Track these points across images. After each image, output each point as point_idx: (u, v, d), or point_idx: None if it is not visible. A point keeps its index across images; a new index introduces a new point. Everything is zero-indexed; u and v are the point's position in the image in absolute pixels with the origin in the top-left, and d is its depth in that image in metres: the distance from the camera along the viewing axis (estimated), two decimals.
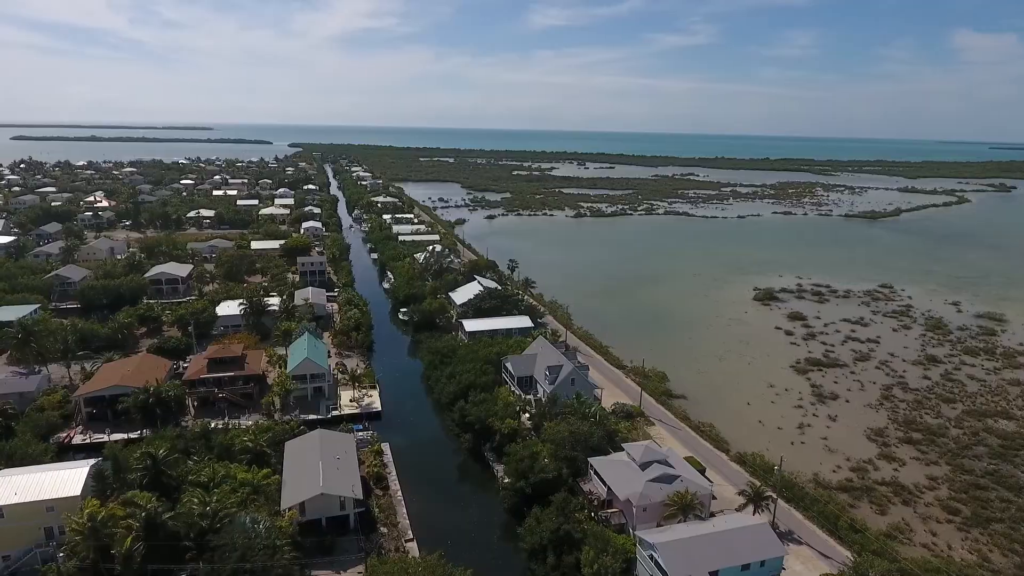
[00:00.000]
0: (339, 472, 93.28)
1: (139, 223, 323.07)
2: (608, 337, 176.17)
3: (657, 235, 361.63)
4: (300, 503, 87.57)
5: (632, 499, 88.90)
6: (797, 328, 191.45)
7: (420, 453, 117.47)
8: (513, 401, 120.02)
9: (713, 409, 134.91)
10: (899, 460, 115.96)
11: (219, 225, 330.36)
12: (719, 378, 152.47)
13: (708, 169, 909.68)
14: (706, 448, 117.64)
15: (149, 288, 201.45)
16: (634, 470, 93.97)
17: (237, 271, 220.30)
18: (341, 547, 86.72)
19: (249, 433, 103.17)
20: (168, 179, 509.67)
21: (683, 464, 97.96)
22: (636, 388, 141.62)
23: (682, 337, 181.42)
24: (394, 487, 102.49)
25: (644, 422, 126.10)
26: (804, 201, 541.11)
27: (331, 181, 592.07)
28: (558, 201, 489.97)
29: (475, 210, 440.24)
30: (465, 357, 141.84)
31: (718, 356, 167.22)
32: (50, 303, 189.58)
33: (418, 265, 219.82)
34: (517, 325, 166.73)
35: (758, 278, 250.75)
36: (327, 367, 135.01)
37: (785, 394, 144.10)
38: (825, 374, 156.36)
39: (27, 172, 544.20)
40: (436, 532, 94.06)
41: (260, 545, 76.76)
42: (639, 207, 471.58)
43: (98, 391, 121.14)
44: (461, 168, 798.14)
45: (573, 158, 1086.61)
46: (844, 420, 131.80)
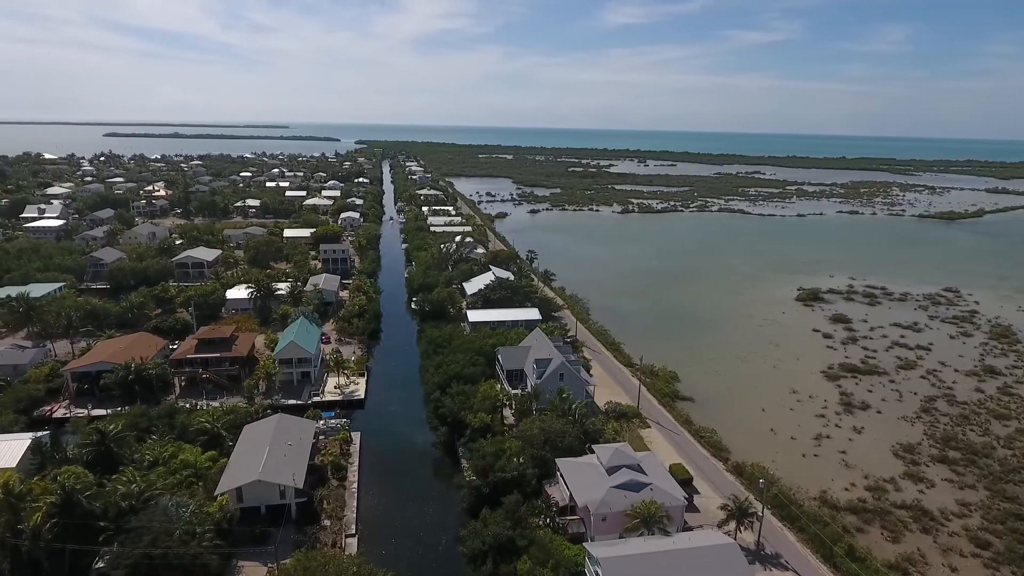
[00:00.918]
0: (285, 459, 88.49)
1: (189, 211, 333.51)
2: (627, 334, 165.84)
3: (705, 232, 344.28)
4: (237, 489, 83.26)
5: (590, 506, 79.89)
6: (838, 331, 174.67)
7: (393, 445, 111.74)
8: (494, 394, 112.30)
9: (721, 414, 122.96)
10: (927, 481, 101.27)
11: (264, 214, 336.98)
12: (736, 381, 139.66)
13: (776, 168, 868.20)
14: (701, 456, 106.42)
15: (176, 271, 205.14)
16: (600, 475, 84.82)
17: (263, 257, 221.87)
18: (276, 538, 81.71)
19: (207, 415, 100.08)
20: (229, 171, 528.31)
21: (660, 471, 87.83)
22: (641, 386, 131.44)
23: (706, 336, 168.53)
24: (352, 478, 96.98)
25: (639, 424, 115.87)
26: (876, 201, 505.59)
27: (385, 175, 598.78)
28: (607, 197, 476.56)
29: (520, 204, 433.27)
30: (459, 347, 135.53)
31: (741, 358, 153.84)
32: (82, 283, 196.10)
33: (439, 255, 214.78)
34: (524, 317, 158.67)
35: (805, 278, 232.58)
36: (315, 352, 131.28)
37: (808, 401, 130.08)
38: (859, 382, 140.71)
39: (104, 164, 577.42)
40: (385, 529, 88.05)
41: (178, 530, 72.74)
42: (691, 204, 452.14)
43: (85, 366, 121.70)
44: (518, 165, 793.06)
45: (635, 156, 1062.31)
46: (871, 433, 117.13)
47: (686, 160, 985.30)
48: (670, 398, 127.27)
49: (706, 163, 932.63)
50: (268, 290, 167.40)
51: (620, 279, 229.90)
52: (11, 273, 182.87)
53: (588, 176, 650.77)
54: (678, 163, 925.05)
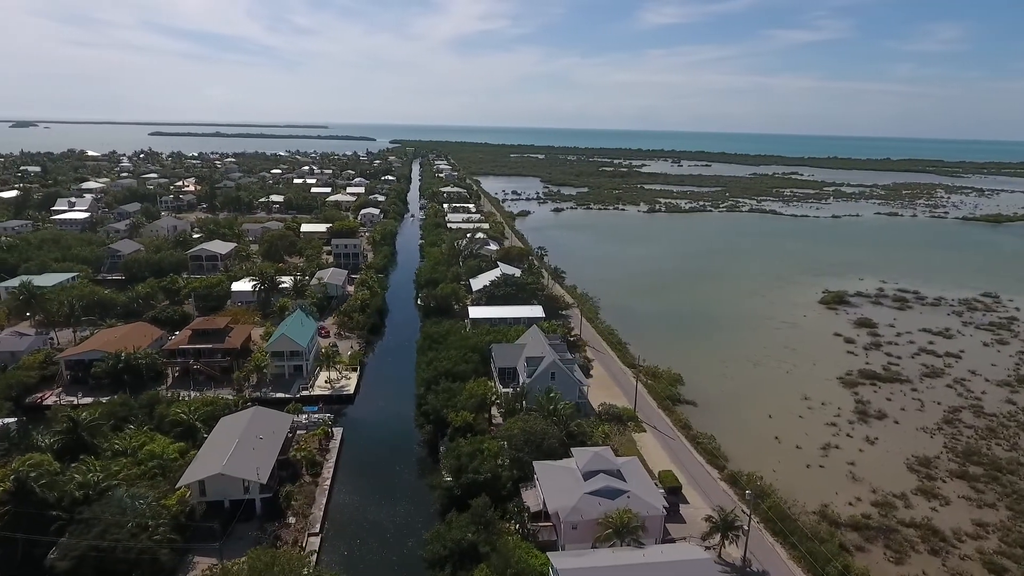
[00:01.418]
0: (253, 453, 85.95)
1: (214, 206, 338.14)
2: (636, 334, 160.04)
3: (732, 232, 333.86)
4: (200, 482, 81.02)
5: (560, 512, 75.16)
6: (861, 336, 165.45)
7: (377, 442, 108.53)
8: (481, 392, 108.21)
9: (725, 419, 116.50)
10: (942, 498, 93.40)
11: (287, 210, 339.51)
12: (745, 386, 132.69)
13: (816, 169, 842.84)
14: (696, 463, 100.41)
15: (190, 263, 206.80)
16: (576, 479, 79.94)
17: (277, 251, 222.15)
18: (238, 533, 79.24)
19: (184, 406, 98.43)
20: (260, 168, 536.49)
21: (642, 478, 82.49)
22: (641, 389, 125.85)
23: (718, 339, 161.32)
24: (326, 475, 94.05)
25: (634, 427, 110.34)
26: (918, 203, 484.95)
27: (414, 174, 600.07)
28: (634, 196, 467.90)
29: (544, 203, 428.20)
30: (454, 343, 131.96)
31: (753, 361, 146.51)
32: (99, 273, 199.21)
33: (449, 250, 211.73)
34: (527, 315, 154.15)
35: (833, 280, 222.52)
36: (307, 346, 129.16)
37: (819, 409, 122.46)
38: (878, 389, 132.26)
39: (142, 161, 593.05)
40: (352, 529, 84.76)
41: (130, 523, 70.66)
42: (722, 204, 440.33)
43: (78, 355, 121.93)
44: (548, 164, 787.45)
45: (669, 156, 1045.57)
46: (885, 444, 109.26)
47: (722, 161, 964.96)
48: (670, 401, 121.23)
49: (742, 164, 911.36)
50: (272, 283, 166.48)
51: (636, 278, 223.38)
52: (29, 263, 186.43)
53: (618, 176, 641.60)
54: (713, 164, 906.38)
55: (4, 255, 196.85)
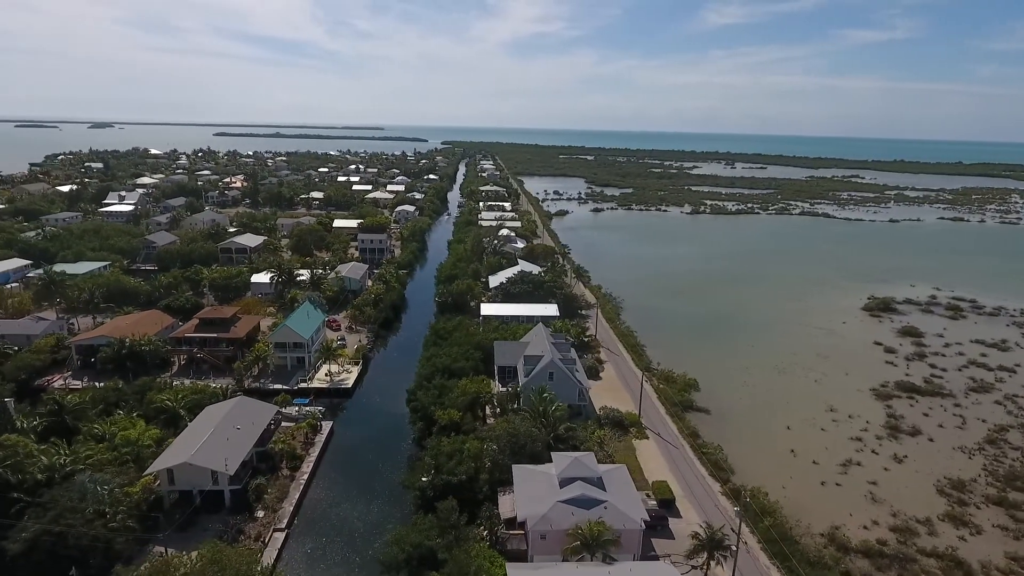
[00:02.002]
0: (226, 443, 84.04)
1: (256, 202, 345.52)
2: (658, 337, 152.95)
3: (779, 235, 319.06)
4: (168, 471, 79.48)
5: (529, 521, 70.02)
6: (904, 345, 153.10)
7: (366, 437, 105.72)
8: (475, 390, 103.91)
9: (738, 429, 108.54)
10: (973, 526, 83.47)
11: (326, 206, 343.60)
12: (766, 394, 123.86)
13: (879, 172, 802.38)
14: (697, 474, 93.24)
15: (220, 255, 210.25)
16: (551, 486, 74.58)
17: (305, 245, 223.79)
18: (204, 525, 77.32)
19: (171, 393, 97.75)
20: (308, 167, 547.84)
21: (625, 488, 76.29)
22: (651, 394, 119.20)
23: (745, 343, 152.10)
24: (305, 469, 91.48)
25: (636, 434, 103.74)
26: (988, 208, 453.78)
27: (459, 174, 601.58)
28: (679, 198, 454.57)
29: (585, 203, 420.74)
30: (458, 340, 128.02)
31: (779, 368, 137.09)
32: (134, 263, 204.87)
33: (474, 247, 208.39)
34: (540, 313, 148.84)
35: (881, 286, 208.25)
36: (310, 337, 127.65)
37: (845, 422, 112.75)
38: (915, 403, 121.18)
39: (199, 159, 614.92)
40: (322, 526, 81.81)
41: (89, 508, 69.46)
42: (771, 207, 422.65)
43: (87, 340, 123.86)
44: (596, 165, 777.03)
45: (723, 158, 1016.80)
46: (914, 463, 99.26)
47: (779, 163, 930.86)
48: (680, 408, 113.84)
49: (800, 167, 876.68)
50: (289, 275, 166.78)
51: (667, 279, 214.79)
52: (66, 251, 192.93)
53: (666, 177, 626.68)
54: (769, 166, 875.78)
55: (47, 244, 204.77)
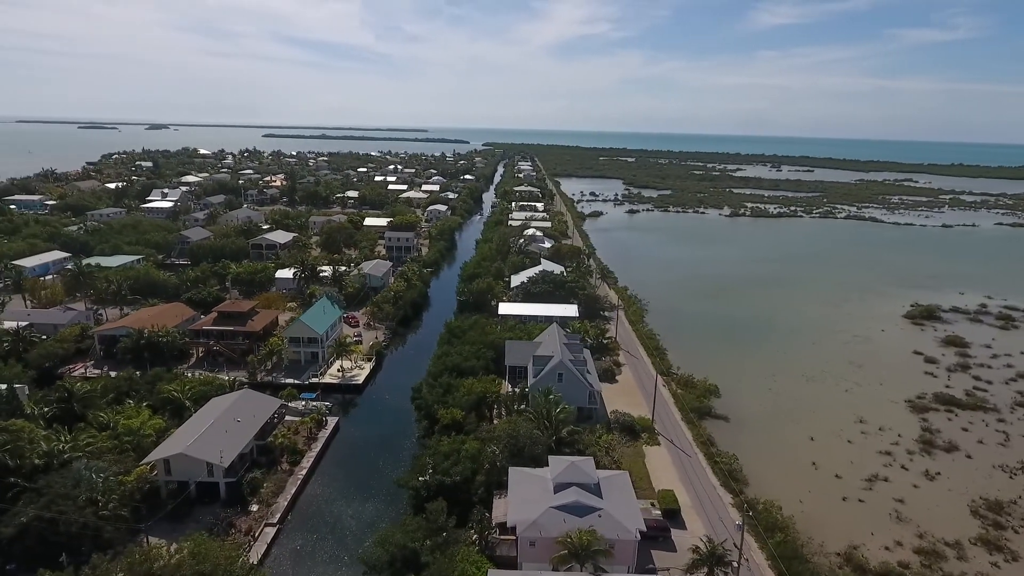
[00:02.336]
0: (225, 436, 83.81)
1: (293, 200, 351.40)
2: (682, 340, 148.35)
3: (820, 239, 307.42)
4: (165, 461, 79.55)
5: (519, 527, 67.17)
6: (946, 356, 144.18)
7: (372, 434, 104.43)
8: (480, 390, 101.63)
9: (756, 438, 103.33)
10: (1009, 551, 76.87)
11: (360, 205, 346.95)
12: (791, 402, 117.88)
13: (935, 176, 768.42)
14: (708, 485, 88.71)
15: (250, 251, 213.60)
16: (545, 491, 71.60)
17: (334, 242, 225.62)
18: (197, 516, 77.06)
19: (178, 384, 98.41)
20: (347, 167, 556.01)
21: (624, 496, 72.70)
22: (668, 399, 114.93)
23: (773, 349, 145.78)
24: (305, 464, 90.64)
25: (647, 440, 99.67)
26: None
27: (497, 175, 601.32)
28: (718, 200, 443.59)
29: (620, 204, 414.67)
30: (472, 338, 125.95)
31: (808, 376, 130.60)
32: (168, 257, 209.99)
33: (499, 246, 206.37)
34: (559, 313, 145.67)
35: (926, 293, 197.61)
36: (323, 333, 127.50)
37: (875, 434, 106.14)
38: (954, 417, 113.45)
39: (244, 159, 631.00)
40: (315, 522, 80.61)
41: (82, 496, 69.79)
42: (815, 210, 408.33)
43: (109, 330, 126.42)
44: (636, 167, 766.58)
45: (769, 161, 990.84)
46: (947, 481, 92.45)
47: (829, 166, 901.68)
48: (697, 414, 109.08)
49: (850, 169, 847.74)
50: (312, 271, 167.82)
51: (698, 282, 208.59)
52: (104, 244, 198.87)
53: (707, 179, 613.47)
54: (816, 169, 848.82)
55: (88, 238, 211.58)
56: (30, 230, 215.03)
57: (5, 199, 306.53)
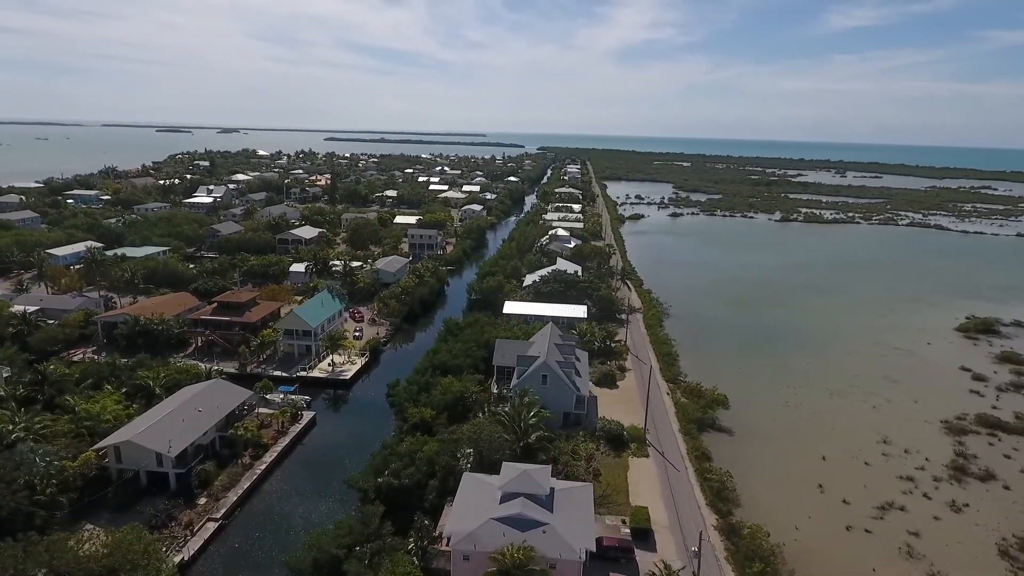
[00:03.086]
0: (181, 425, 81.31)
1: (334, 199, 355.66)
2: (701, 346, 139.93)
3: (876, 246, 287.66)
4: (116, 448, 77.47)
5: (453, 538, 61.21)
6: (999, 373, 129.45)
7: (349, 431, 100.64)
8: (458, 389, 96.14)
9: (760, 454, 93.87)
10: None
11: (398, 204, 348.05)
12: (808, 417, 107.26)
13: (1017, 184, 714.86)
14: (693, 502, 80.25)
15: (277, 245, 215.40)
16: (492, 500, 65.36)
17: (359, 238, 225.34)
18: (143, 506, 74.45)
19: (153, 371, 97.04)
20: (395, 167, 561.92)
21: (580, 511, 65.60)
22: (670, 408, 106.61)
23: (802, 360, 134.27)
24: (267, 458, 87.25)
25: (635, 450, 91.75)
26: None
27: (545, 177, 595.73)
28: (771, 204, 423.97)
29: (665, 208, 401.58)
30: (468, 337, 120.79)
31: (833, 390, 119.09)
32: (199, 250, 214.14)
33: (521, 245, 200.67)
34: (566, 314, 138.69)
35: (986, 305, 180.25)
36: (320, 326, 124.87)
37: (899, 457, 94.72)
38: (998, 442, 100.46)
39: (299, 159, 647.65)
40: (260, 519, 76.88)
41: (22, 479, 68.19)
42: (875, 216, 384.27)
43: (111, 317, 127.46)
44: (691, 171, 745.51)
45: (834, 167, 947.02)
46: (977, 514, 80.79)
47: (898, 173, 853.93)
48: (697, 425, 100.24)
49: (923, 176, 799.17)
50: (324, 265, 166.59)
51: (730, 287, 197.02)
52: (135, 236, 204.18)
53: (763, 184, 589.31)
54: (885, 175, 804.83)
55: (124, 230, 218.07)
56: (72, 221, 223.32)
57: (65, 193, 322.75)
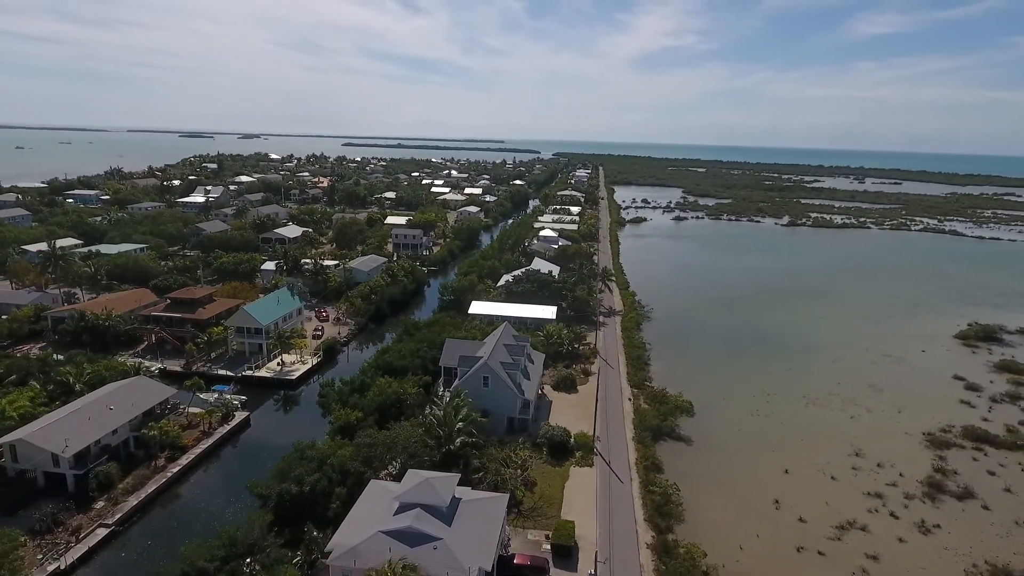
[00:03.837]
0: (86, 423, 76.71)
1: (333, 200, 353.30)
2: (677, 351, 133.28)
3: (884, 251, 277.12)
4: (11, 447, 72.93)
5: (335, 552, 55.37)
6: (995, 383, 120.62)
7: (283, 434, 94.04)
8: (394, 391, 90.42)
9: (717, 466, 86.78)
10: None
11: (397, 206, 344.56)
12: (777, 427, 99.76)
13: None
14: (630, 518, 73.51)
15: (261, 244, 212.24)
16: (388, 511, 59.41)
17: (344, 238, 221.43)
18: (34, 509, 69.65)
19: (74, 368, 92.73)
20: (402, 171, 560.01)
21: (487, 526, 59.41)
22: (628, 415, 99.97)
23: (783, 367, 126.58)
24: (184, 460, 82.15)
25: (578, 460, 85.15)
26: None
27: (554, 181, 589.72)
28: (780, 209, 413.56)
29: (670, 212, 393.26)
30: (423, 336, 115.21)
31: (810, 399, 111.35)
32: (182, 248, 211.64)
33: (500, 245, 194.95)
34: (533, 315, 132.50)
35: (992, 312, 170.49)
36: (272, 324, 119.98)
37: (870, 472, 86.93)
38: (983, 457, 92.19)
39: (307, 162, 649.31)
40: (160, 527, 71.63)
41: None
42: (887, 221, 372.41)
43: (60, 313, 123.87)
44: (704, 177, 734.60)
45: (853, 173, 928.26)
46: (948, 536, 72.92)
47: (920, 180, 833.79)
48: (652, 433, 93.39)
49: (944, 183, 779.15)
50: (295, 263, 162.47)
51: (721, 291, 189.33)
52: (116, 234, 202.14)
53: (776, 189, 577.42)
54: (905, 182, 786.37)
55: (109, 228, 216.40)
56: (57, 219, 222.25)
57: (65, 193, 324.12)
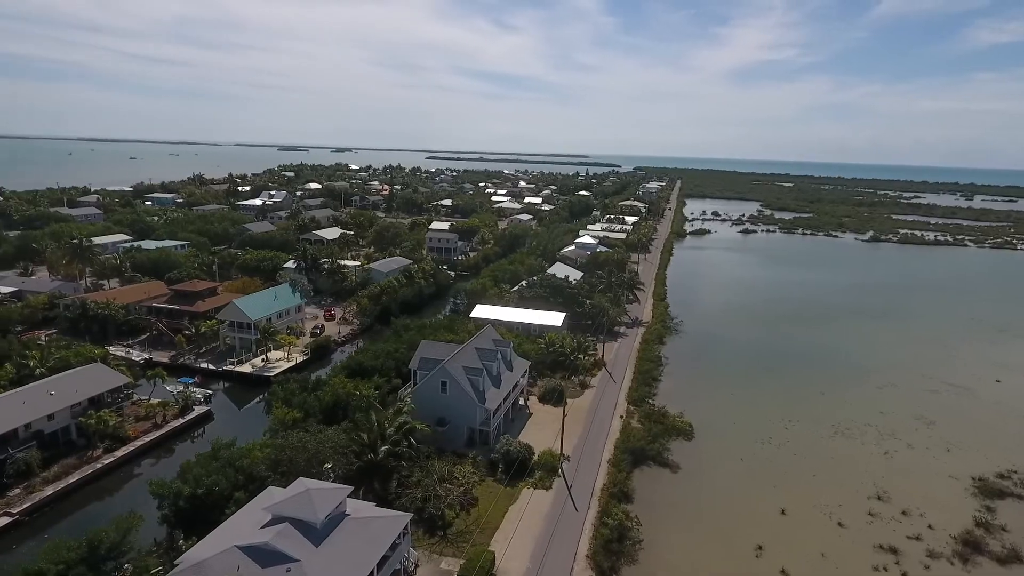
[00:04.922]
0: (21, 407, 74.95)
1: (391, 206, 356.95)
2: (699, 369, 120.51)
3: (977, 270, 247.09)
4: None
5: (179, 567, 48.67)
6: None
7: (242, 430, 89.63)
8: (346, 392, 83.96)
9: (698, 500, 74.39)
10: None
11: (453, 213, 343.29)
12: (788, 460, 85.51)
13: None
14: (567, 554, 62.91)
15: (299, 244, 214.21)
16: (258, 522, 52.34)
17: (383, 241, 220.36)
18: None
19: (38, 354, 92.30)
20: (470, 181, 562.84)
21: (366, 550, 51.14)
22: (616, 433, 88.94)
23: (817, 390, 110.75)
24: (121, 452, 78.92)
25: (536, 481, 75.28)
26: None
27: (625, 192, 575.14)
28: (864, 224, 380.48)
29: (739, 224, 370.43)
30: (408, 338, 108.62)
31: (839, 428, 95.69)
32: (229, 247, 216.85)
33: (531, 250, 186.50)
34: (539, 321, 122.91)
35: None
36: (263, 319, 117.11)
37: (891, 520, 71.60)
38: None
39: (383, 174, 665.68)
40: (71, 520, 67.82)
41: None
42: (988, 240, 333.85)
43: (70, 300, 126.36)
44: (789, 191, 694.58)
45: (962, 190, 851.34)
46: None
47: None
48: (633, 457, 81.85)
49: None
50: (313, 262, 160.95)
51: (770, 307, 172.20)
52: (161, 231, 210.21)
53: (867, 205, 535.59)
54: (1021, 199, 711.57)
55: (163, 226, 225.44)
56: (116, 217, 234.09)
57: (146, 196, 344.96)
